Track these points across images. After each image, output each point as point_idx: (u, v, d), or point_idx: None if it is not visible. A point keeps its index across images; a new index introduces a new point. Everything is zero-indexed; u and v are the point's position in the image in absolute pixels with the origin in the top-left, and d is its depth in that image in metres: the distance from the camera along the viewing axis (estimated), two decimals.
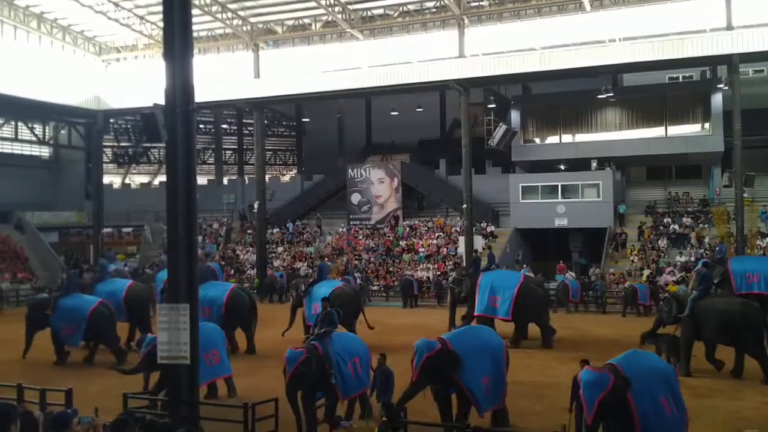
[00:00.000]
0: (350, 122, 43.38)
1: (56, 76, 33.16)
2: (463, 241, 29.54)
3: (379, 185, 36.20)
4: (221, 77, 32.74)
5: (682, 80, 33.89)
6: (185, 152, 10.14)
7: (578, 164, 32.36)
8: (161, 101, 10.24)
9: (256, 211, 33.18)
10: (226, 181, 45.04)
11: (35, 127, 40.12)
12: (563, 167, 33.57)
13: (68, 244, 39.00)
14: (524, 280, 18.73)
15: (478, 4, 29.71)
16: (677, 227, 29.71)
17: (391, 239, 34.05)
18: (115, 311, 16.99)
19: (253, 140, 37.60)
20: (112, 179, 46.12)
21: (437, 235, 33.37)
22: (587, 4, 27.34)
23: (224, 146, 49.94)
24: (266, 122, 41.09)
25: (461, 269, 23.90)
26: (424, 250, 32.19)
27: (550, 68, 27.14)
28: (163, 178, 36.60)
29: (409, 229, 34.69)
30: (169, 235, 10.45)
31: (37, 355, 16.39)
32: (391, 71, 29.66)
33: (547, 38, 28.85)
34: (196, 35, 30.05)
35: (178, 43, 10.10)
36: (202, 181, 41.75)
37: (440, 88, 31.72)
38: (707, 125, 31.03)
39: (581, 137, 33.27)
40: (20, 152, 40.56)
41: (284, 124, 51.89)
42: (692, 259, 26.22)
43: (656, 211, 31.66)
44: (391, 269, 31.02)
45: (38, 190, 40.10)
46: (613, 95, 30.79)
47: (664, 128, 31.76)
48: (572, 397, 9.01)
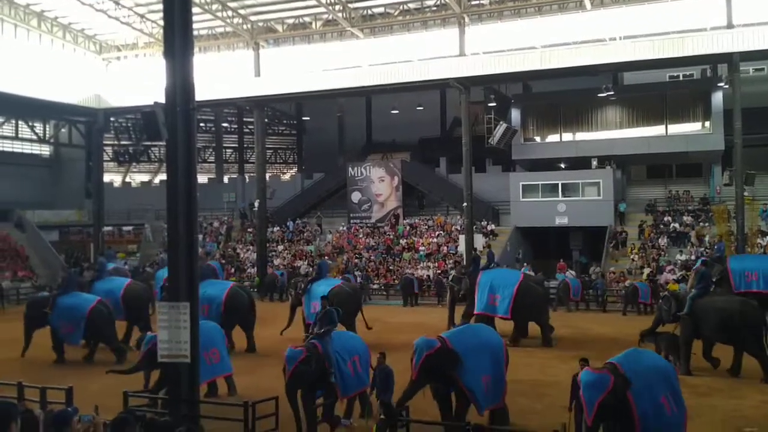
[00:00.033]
0: (350, 121, 43.29)
1: (56, 74, 33.13)
2: (463, 239, 29.52)
3: (379, 184, 36.18)
4: (222, 76, 32.73)
5: (682, 79, 33.86)
6: (186, 151, 10.14)
7: (579, 163, 32.39)
8: (162, 100, 10.25)
9: (256, 209, 33.15)
10: (226, 179, 44.98)
11: (36, 125, 40.16)
12: (564, 166, 33.58)
13: (68, 242, 38.99)
14: (524, 278, 18.71)
15: (478, 2, 29.64)
16: (677, 226, 29.70)
17: (391, 238, 34.06)
18: (113, 310, 16.94)
19: (253, 139, 37.58)
20: (112, 178, 46.07)
21: (437, 233, 33.37)
22: (588, 2, 27.29)
23: (225, 145, 49.82)
24: (267, 121, 41.00)
25: (461, 267, 23.86)
26: (424, 248, 32.19)
27: (550, 67, 27.14)
28: (163, 176, 35.93)
29: (409, 227, 34.68)
30: (169, 233, 10.45)
31: (37, 353, 16.34)
32: (391, 70, 29.63)
33: (547, 37, 28.77)
34: (196, 33, 30.10)
35: (178, 41, 10.10)
36: (202, 179, 41.67)
37: (441, 86, 31.68)
38: (708, 124, 31.01)
39: (582, 136, 33.28)
40: (20, 151, 40.57)
41: (285, 122, 51.81)
42: (692, 257, 26.16)
43: (656, 209, 31.65)
44: (391, 268, 31.04)
45: (38, 188, 40.09)
46: (613, 94, 30.81)
47: (664, 127, 31.75)
48: (572, 395, 9.00)
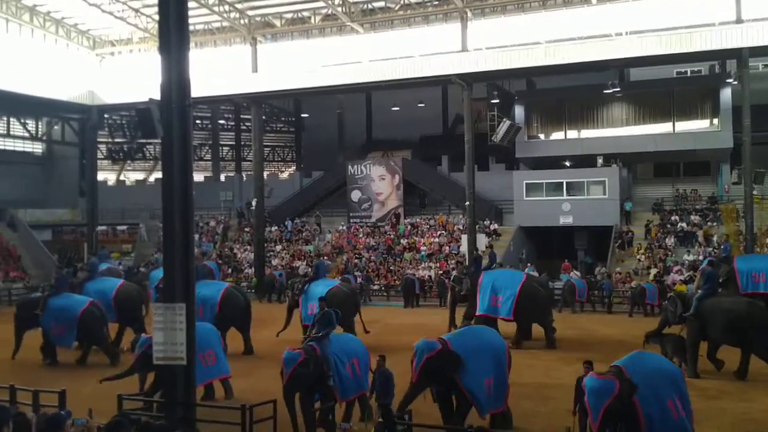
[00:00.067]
0: (350, 118, 42.97)
1: (49, 70, 32.73)
2: (465, 239, 29.20)
3: (379, 182, 35.83)
4: (218, 71, 32.27)
5: (690, 75, 33.45)
6: (181, 148, 10.11)
7: (584, 161, 32.06)
8: (157, 96, 10.23)
9: (253, 208, 32.84)
10: (223, 177, 44.70)
11: (28, 122, 39.97)
12: (568, 164, 33.30)
13: (62, 242, 38.64)
14: (526, 279, 18.58)
15: None
16: (685, 225, 29.43)
17: (392, 237, 33.80)
18: (105, 311, 16.69)
19: (250, 136, 37.21)
20: (106, 176, 45.62)
21: (439, 233, 33.14)
22: None
23: (221, 142, 49.36)
24: (264, 118, 40.70)
25: (462, 267, 23.83)
26: (425, 248, 31.91)
27: (555, 62, 26.86)
28: (158, 174, 36.12)
29: (410, 227, 34.42)
30: (164, 233, 10.45)
31: (29, 355, 16.24)
32: (392, 65, 29.36)
33: (552, 32, 28.37)
34: (192, 29, 29.64)
35: (174, 36, 10.10)
36: (198, 177, 41.27)
37: (442, 82, 31.63)
38: (716, 121, 30.54)
39: (587, 133, 32.81)
40: (12, 148, 40.17)
41: (283, 119, 51.43)
42: (700, 257, 25.92)
43: (663, 208, 31.34)
44: (392, 268, 30.78)
45: (31, 187, 39.54)
46: (619, 90, 30.36)
47: (671, 124, 31.27)
48: (576, 398, 8.98)
